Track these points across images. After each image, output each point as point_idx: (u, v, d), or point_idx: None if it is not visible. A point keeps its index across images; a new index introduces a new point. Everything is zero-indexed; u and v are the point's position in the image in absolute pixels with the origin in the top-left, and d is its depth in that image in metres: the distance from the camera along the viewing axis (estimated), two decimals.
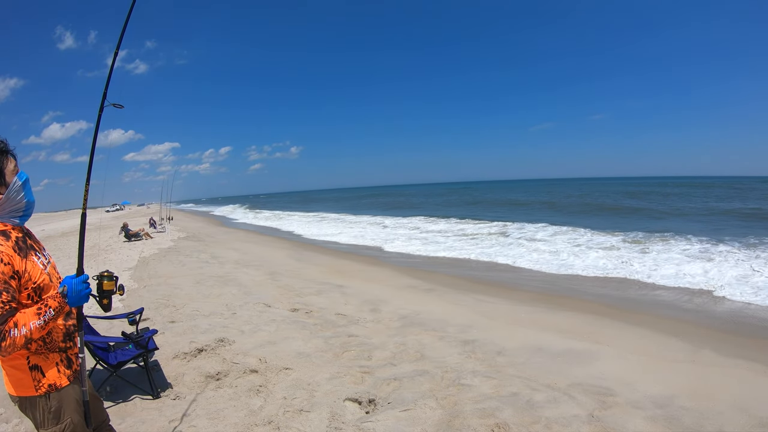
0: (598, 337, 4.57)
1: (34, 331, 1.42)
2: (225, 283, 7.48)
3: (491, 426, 2.75)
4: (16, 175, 1.51)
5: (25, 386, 1.51)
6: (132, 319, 3.51)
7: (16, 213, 1.53)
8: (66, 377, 1.58)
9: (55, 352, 1.57)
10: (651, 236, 11.41)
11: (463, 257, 10.76)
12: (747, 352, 4.13)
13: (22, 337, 1.39)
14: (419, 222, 20.79)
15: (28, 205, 1.56)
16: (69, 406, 1.57)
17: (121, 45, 1.97)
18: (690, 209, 21.14)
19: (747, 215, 17.42)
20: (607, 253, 9.72)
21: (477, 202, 38.43)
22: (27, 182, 1.55)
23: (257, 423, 2.85)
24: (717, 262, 7.99)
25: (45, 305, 1.47)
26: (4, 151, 1.50)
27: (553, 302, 6.22)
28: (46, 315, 1.46)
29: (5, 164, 1.48)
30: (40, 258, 1.59)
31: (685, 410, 2.99)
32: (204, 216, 42.43)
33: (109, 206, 77.19)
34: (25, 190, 1.54)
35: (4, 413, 2.96)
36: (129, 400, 3.14)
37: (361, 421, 2.86)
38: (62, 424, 1.54)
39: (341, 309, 5.83)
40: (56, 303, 1.49)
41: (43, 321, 1.45)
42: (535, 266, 9.07)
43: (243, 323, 5.02)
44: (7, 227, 1.49)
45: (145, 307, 5.04)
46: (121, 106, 1.96)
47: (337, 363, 3.86)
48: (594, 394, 3.20)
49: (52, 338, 1.56)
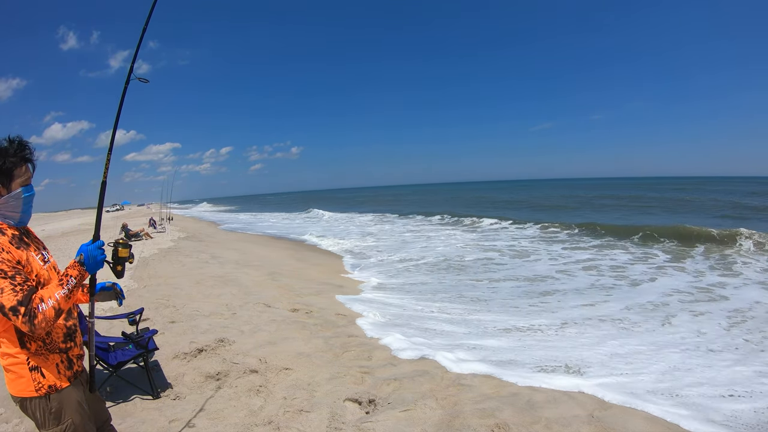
0: None
1: (60, 300, 1.45)
2: (225, 283, 7.47)
3: (491, 426, 2.75)
4: (23, 186, 1.53)
5: (26, 387, 1.51)
6: (132, 319, 3.51)
7: (10, 217, 1.54)
8: (66, 378, 1.58)
9: (55, 353, 1.56)
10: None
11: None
12: None
13: (50, 309, 1.42)
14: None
15: (22, 217, 1.57)
16: (70, 407, 1.56)
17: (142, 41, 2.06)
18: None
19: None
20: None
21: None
22: (30, 199, 1.57)
23: (257, 423, 2.84)
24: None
25: (65, 275, 1.50)
26: (26, 158, 1.53)
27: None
28: (69, 283, 1.49)
29: (18, 171, 1.51)
30: (40, 255, 1.60)
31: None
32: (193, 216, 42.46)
33: (109, 206, 77.20)
34: (24, 206, 1.55)
35: (4, 413, 2.96)
36: (129, 400, 3.14)
37: (361, 422, 2.86)
38: (63, 425, 1.54)
39: (341, 309, 5.83)
40: (76, 272, 1.52)
41: (67, 290, 1.48)
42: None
43: (243, 323, 5.02)
44: (2, 226, 1.51)
45: (145, 307, 5.04)
46: (147, 81, 2.05)
47: (337, 363, 3.86)
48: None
49: (52, 339, 1.56)
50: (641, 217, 19.29)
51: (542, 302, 6.31)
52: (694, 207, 23.19)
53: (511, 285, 7.47)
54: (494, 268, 9.03)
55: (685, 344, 4.42)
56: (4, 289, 1.37)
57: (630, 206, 25.57)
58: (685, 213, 20.02)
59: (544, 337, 4.78)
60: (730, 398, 3.25)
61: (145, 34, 2.05)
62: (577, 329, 4.99)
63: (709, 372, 3.71)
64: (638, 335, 4.76)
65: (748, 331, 4.78)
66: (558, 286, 7.25)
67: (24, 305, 1.38)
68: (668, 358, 4.03)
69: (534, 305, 6.14)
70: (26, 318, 1.38)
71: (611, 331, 4.95)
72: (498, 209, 27.44)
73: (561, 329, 5.02)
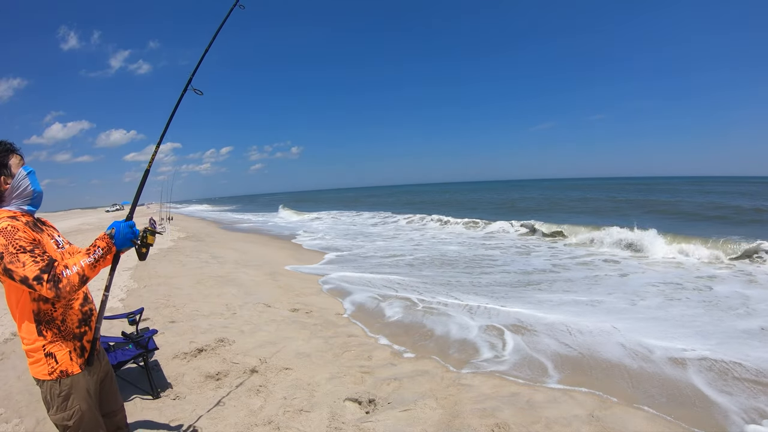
0: None
1: (86, 267, 1.53)
2: (225, 283, 7.47)
3: (491, 426, 2.75)
4: (21, 167, 1.63)
5: (41, 371, 1.60)
6: (132, 319, 3.50)
7: (24, 201, 1.63)
8: (78, 365, 1.65)
9: (69, 340, 1.64)
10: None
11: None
12: None
13: (75, 274, 1.50)
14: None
15: (36, 194, 1.67)
16: (78, 394, 1.63)
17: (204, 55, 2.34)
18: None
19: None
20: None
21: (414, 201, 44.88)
22: (33, 174, 1.66)
23: (257, 423, 2.84)
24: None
25: (94, 246, 1.59)
26: (10, 149, 1.63)
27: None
28: (96, 254, 1.57)
29: (8, 159, 1.60)
30: (53, 240, 1.69)
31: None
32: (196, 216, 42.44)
33: (109, 206, 77.26)
34: (30, 179, 1.64)
35: (4, 413, 2.96)
36: (129, 401, 3.14)
37: (361, 421, 2.86)
38: (70, 411, 1.61)
39: (341, 309, 5.84)
40: (104, 243, 1.60)
41: (93, 259, 1.55)
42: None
43: (243, 323, 5.02)
44: (16, 213, 1.60)
45: (145, 307, 5.04)
46: (201, 93, 2.25)
47: (337, 363, 3.86)
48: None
49: (67, 325, 1.64)
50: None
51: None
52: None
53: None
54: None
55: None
56: (26, 263, 1.45)
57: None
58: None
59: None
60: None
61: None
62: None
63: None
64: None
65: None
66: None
67: (47, 272, 1.45)
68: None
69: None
70: (51, 284, 1.45)
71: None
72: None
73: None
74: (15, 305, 1.57)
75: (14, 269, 1.44)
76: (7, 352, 4.09)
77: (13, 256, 1.44)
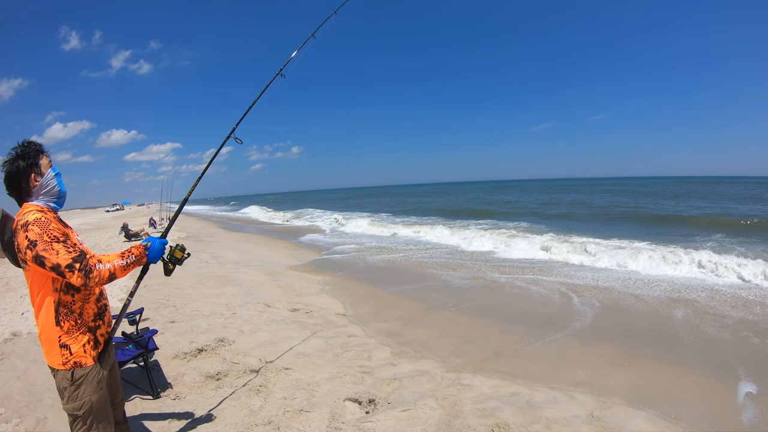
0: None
1: (117, 268, 1.67)
2: (225, 283, 7.47)
3: (491, 426, 2.75)
4: (50, 168, 1.77)
5: (56, 360, 1.68)
6: (132, 319, 3.50)
7: (51, 198, 1.75)
8: (91, 357, 1.72)
9: (84, 333, 1.71)
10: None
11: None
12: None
13: (106, 270, 1.64)
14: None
15: (61, 194, 1.79)
16: (90, 386, 1.70)
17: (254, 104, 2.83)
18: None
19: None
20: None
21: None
22: (59, 175, 1.80)
23: (257, 423, 2.84)
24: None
25: (128, 251, 1.75)
26: (40, 150, 1.76)
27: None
28: (129, 258, 1.72)
29: (39, 159, 1.73)
30: (76, 237, 1.80)
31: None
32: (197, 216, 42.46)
33: (109, 206, 77.33)
34: (57, 180, 1.77)
35: (4, 413, 2.95)
36: (129, 400, 3.14)
37: (361, 421, 2.85)
38: (81, 401, 1.68)
39: (341, 309, 5.83)
40: (138, 252, 1.76)
41: (125, 262, 1.70)
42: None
43: (243, 323, 5.02)
44: (43, 209, 1.70)
45: (145, 307, 5.04)
46: (241, 142, 2.60)
47: (337, 363, 3.86)
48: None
49: (84, 318, 1.71)
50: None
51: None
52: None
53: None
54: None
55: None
56: (59, 251, 1.56)
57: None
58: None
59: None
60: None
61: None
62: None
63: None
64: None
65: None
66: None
67: (79, 262, 1.58)
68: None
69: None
70: (82, 273, 1.57)
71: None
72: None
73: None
74: (36, 294, 1.65)
75: (47, 256, 1.54)
76: (7, 352, 4.08)
77: (47, 245, 1.55)
